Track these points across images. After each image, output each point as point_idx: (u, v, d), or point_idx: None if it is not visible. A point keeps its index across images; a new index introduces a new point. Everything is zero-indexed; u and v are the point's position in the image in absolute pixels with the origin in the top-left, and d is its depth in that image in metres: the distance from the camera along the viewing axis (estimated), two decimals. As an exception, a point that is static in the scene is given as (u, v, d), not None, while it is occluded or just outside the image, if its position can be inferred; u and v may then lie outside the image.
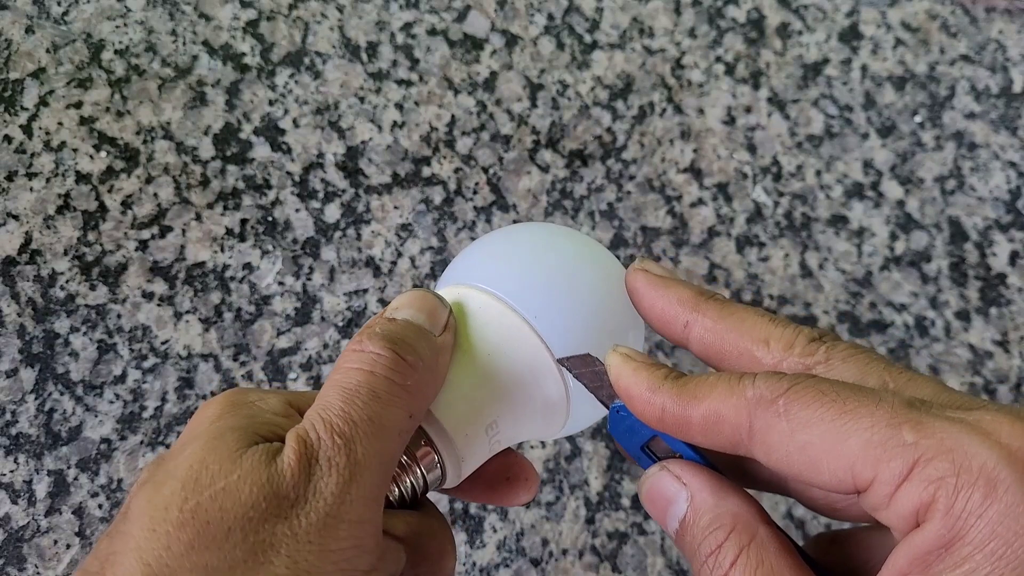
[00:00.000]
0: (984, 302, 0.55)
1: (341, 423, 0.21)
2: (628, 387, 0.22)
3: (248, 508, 0.19)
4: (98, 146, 0.50)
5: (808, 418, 0.19)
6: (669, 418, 0.21)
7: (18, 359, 0.45)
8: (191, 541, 0.18)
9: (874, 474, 0.18)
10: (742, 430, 0.20)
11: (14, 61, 0.50)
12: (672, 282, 0.25)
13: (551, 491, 0.47)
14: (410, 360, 0.22)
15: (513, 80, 0.55)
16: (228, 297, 0.48)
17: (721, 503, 0.21)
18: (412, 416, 0.22)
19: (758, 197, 0.55)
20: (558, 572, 0.46)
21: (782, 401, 0.19)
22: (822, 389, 0.19)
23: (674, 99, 0.57)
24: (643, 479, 0.23)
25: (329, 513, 0.20)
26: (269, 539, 0.19)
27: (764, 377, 0.20)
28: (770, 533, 0.21)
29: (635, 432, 0.24)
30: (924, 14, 0.62)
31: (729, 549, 0.20)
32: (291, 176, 0.51)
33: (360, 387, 0.22)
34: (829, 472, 0.19)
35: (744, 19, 0.59)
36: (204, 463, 0.20)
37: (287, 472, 0.20)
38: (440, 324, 0.24)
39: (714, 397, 0.21)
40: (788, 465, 0.19)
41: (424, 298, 0.25)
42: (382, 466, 0.21)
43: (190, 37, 0.53)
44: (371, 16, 0.55)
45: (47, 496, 0.44)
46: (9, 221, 0.48)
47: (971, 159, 0.58)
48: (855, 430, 0.18)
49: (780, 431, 0.19)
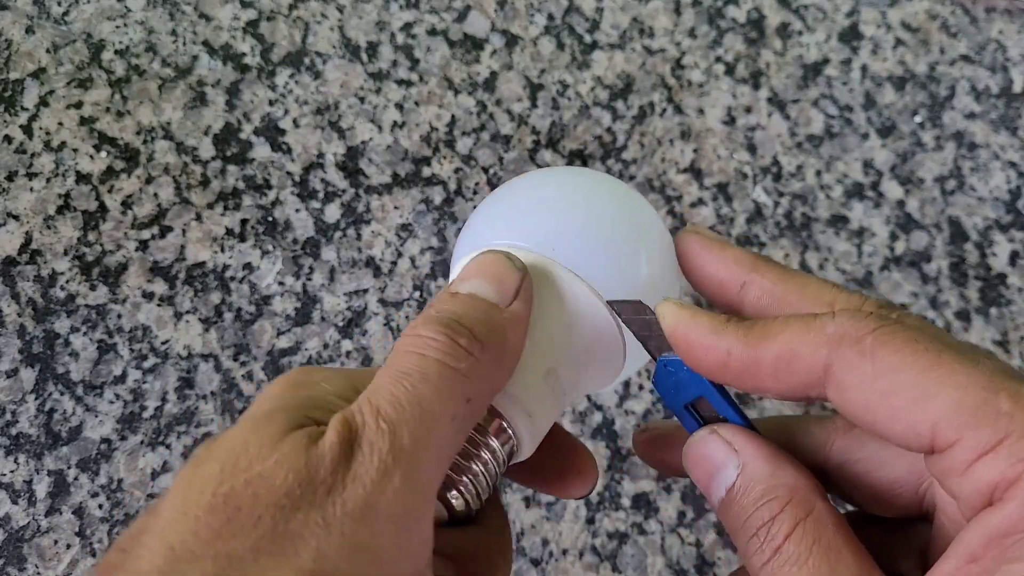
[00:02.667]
0: (984, 302, 0.55)
1: (387, 406, 0.19)
2: (687, 332, 0.21)
3: (281, 495, 0.18)
4: (98, 146, 0.50)
5: (896, 363, 0.18)
6: (735, 362, 0.20)
7: (18, 359, 0.45)
8: (219, 528, 0.17)
9: (958, 437, 0.17)
10: (818, 369, 0.19)
11: (14, 61, 0.50)
12: (727, 243, 0.24)
13: (551, 491, 0.47)
14: (463, 343, 0.20)
15: (513, 80, 0.55)
16: (228, 297, 0.48)
17: (777, 473, 0.20)
18: (471, 401, 0.20)
19: (758, 197, 0.55)
20: (558, 572, 0.46)
21: (869, 340, 0.18)
22: (915, 336, 0.18)
23: (674, 99, 0.57)
24: (689, 441, 0.22)
25: (367, 503, 0.18)
26: (299, 529, 0.17)
27: (848, 314, 0.19)
28: (827, 508, 0.19)
29: (681, 389, 0.22)
30: (924, 14, 0.62)
31: (784, 521, 0.19)
32: (291, 176, 0.51)
33: (411, 370, 0.20)
34: (907, 424, 0.17)
35: (744, 19, 0.59)
36: (246, 445, 0.19)
37: (327, 456, 0.18)
38: (509, 292, 0.22)
39: (788, 334, 0.19)
40: (863, 410, 0.18)
41: (492, 263, 0.22)
42: (432, 454, 0.19)
43: (190, 37, 0.53)
44: (371, 16, 0.55)
45: (47, 496, 0.44)
46: (9, 221, 0.48)
47: (971, 159, 0.58)
48: (947, 386, 0.17)
49: (862, 373, 0.18)
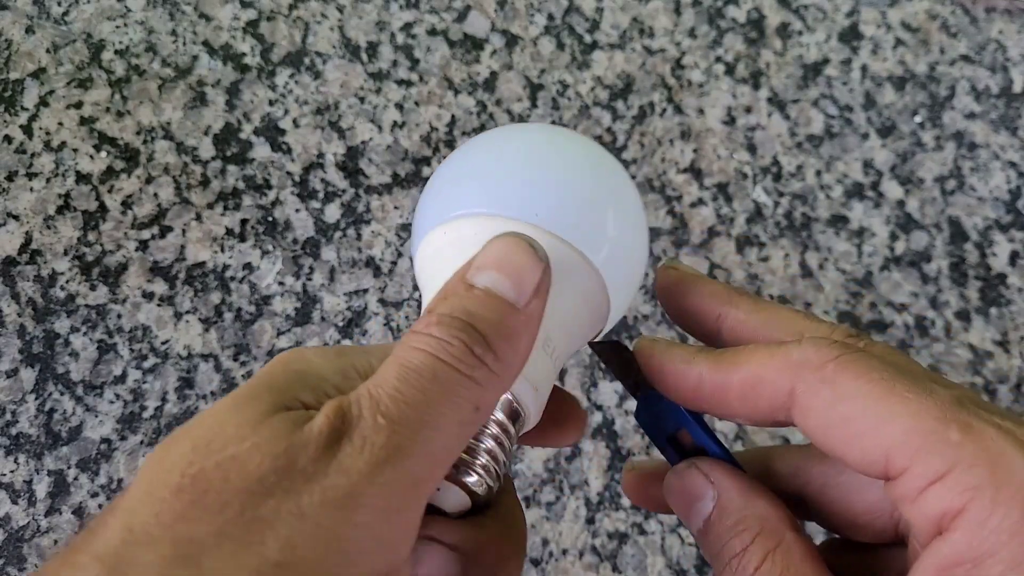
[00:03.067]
0: (984, 302, 0.55)
1: (390, 403, 0.18)
2: (662, 363, 0.22)
3: (254, 481, 0.17)
4: (98, 146, 0.50)
5: (855, 391, 0.18)
6: (707, 386, 0.21)
7: (18, 359, 0.45)
8: (183, 510, 0.16)
9: (909, 465, 0.18)
10: (783, 394, 0.19)
11: (14, 61, 0.50)
12: (703, 278, 0.25)
13: (551, 491, 0.47)
14: (479, 352, 0.19)
15: (513, 80, 0.55)
16: (228, 297, 0.48)
17: (749, 505, 0.21)
18: (479, 409, 0.19)
19: (758, 197, 0.55)
20: (558, 572, 0.46)
21: (831, 367, 0.19)
22: (873, 365, 0.19)
23: (674, 99, 0.57)
24: (669, 474, 0.23)
25: (350, 494, 0.17)
26: (270, 516, 0.16)
27: (813, 342, 0.20)
28: (796, 538, 0.20)
29: (662, 421, 0.23)
30: (924, 14, 0.62)
31: (755, 552, 0.20)
32: (291, 176, 0.51)
33: (422, 368, 0.19)
34: (863, 450, 0.18)
35: (744, 19, 0.59)
36: (223, 425, 0.18)
37: (311, 443, 0.17)
38: (528, 290, 0.20)
39: (755, 361, 0.20)
40: (824, 435, 0.19)
41: (515, 253, 0.21)
42: (431, 459, 0.18)
43: (190, 37, 0.53)
44: (371, 16, 0.55)
45: (47, 496, 0.44)
46: (9, 221, 0.48)
47: (971, 159, 0.58)
48: (900, 414, 0.18)
49: (823, 398, 0.19)
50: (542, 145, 0.25)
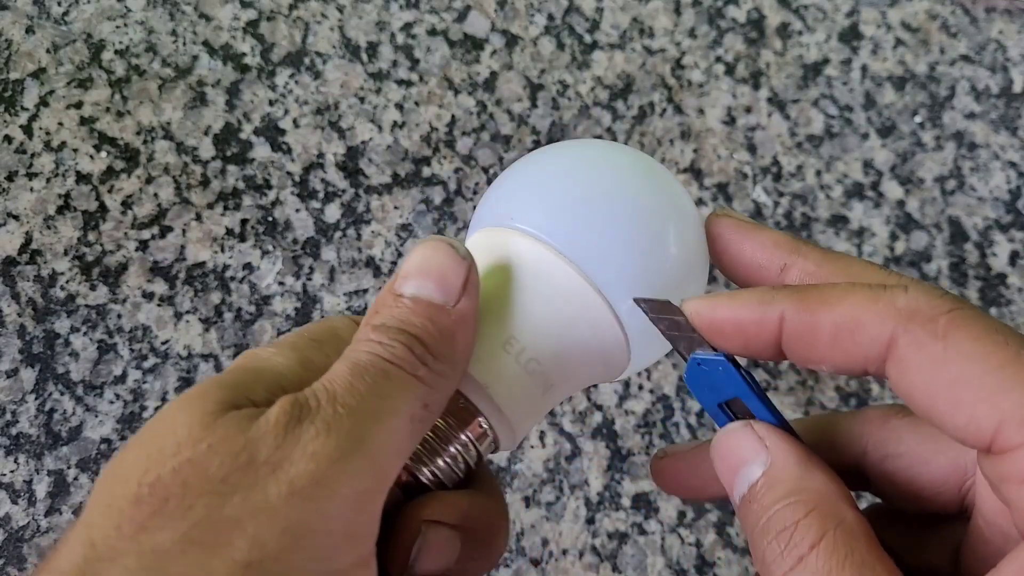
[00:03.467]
0: (984, 302, 0.55)
1: (347, 395, 0.18)
2: (733, 313, 0.19)
3: (216, 483, 0.16)
4: (98, 146, 0.50)
5: (971, 351, 0.16)
6: (790, 328, 0.18)
7: (18, 359, 0.45)
8: (144, 521, 0.16)
9: (1022, 441, 0.16)
10: (881, 343, 0.17)
11: (14, 61, 0.50)
12: (763, 226, 0.22)
13: (551, 491, 0.47)
14: (418, 353, 0.20)
15: (513, 80, 0.55)
16: (228, 297, 0.48)
17: (805, 476, 0.19)
18: (427, 407, 0.20)
19: (758, 197, 0.55)
20: (558, 572, 0.46)
21: (943, 320, 0.17)
22: (995, 326, 0.17)
23: (674, 99, 0.57)
24: (720, 432, 0.21)
25: (319, 481, 0.16)
26: (236, 513, 0.16)
27: (923, 289, 0.18)
28: (859, 519, 0.18)
29: (716, 388, 0.21)
30: (924, 14, 0.62)
31: (810, 528, 0.18)
32: (291, 176, 0.51)
33: (372, 365, 0.19)
34: (970, 418, 0.16)
35: (744, 19, 0.59)
36: (173, 427, 0.17)
37: (269, 434, 0.17)
38: (454, 291, 0.21)
39: (852, 301, 0.18)
40: (924, 394, 0.17)
41: (434, 256, 0.21)
42: (391, 448, 0.18)
43: (190, 37, 0.53)
44: (371, 16, 0.55)
45: (47, 496, 0.44)
46: (9, 221, 0.48)
47: (971, 159, 0.58)
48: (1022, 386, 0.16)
49: (931, 354, 0.17)
50: (583, 162, 0.24)
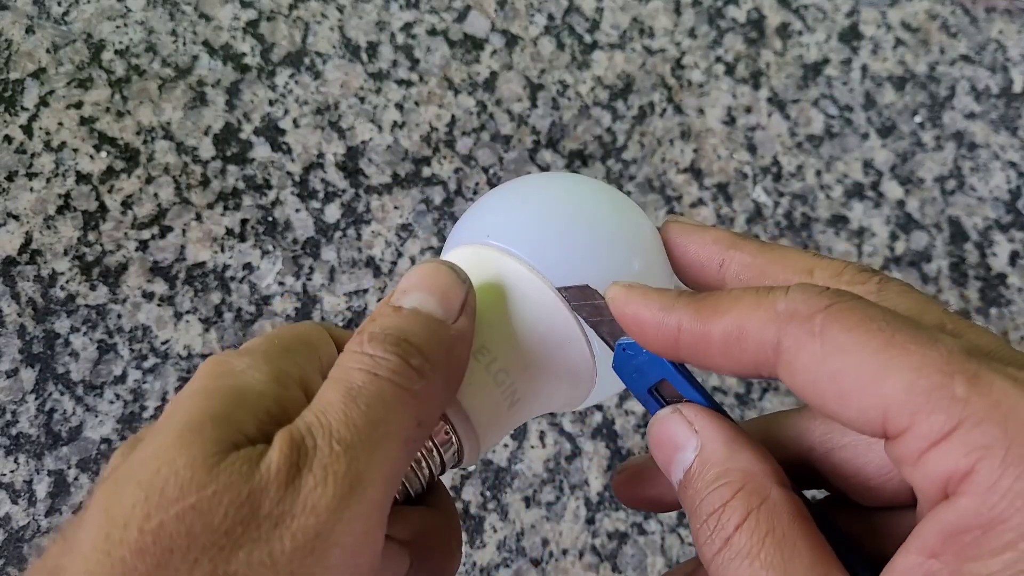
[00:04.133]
0: (984, 302, 0.55)
1: (342, 427, 0.18)
2: (637, 311, 0.20)
3: (221, 535, 0.16)
4: (98, 146, 0.50)
5: (847, 343, 0.16)
6: (686, 337, 0.19)
7: (18, 359, 0.45)
8: (148, 573, 0.15)
9: (910, 423, 0.16)
10: (767, 347, 0.18)
11: (14, 61, 0.50)
12: (706, 227, 0.23)
13: (551, 491, 0.47)
14: (415, 364, 0.19)
15: (513, 80, 0.55)
16: (228, 297, 0.48)
17: (733, 457, 0.19)
18: (421, 424, 0.20)
19: (758, 197, 0.55)
20: (558, 572, 0.46)
21: (819, 319, 0.17)
22: (870, 314, 0.17)
23: (674, 99, 0.57)
24: (652, 420, 0.21)
25: (319, 534, 0.17)
26: (242, 570, 0.16)
27: (800, 289, 0.18)
28: (784, 496, 0.18)
29: (642, 372, 0.21)
30: (924, 14, 0.62)
31: (735, 509, 0.18)
32: (291, 176, 0.51)
33: (364, 388, 0.19)
34: (858, 409, 0.16)
35: (744, 19, 0.59)
36: (174, 467, 0.17)
37: (272, 484, 0.17)
38: (454, 308, 0.21)
39: (738, 310, 0.18)
40: (813, 392, 0.17)
41: (436, 275, 0.21)
42: (386, 479, 0.18)
43: (190, 37, 0.53)
44: (371, 16, 0.55)
45: (47, 496, 0.44)
46: (9, 221, 0.48)
47: (971, 159, 0.58)
48: (899, 368, 0.16)
49: (811, 352, 0.17)
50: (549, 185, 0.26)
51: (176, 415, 0.18)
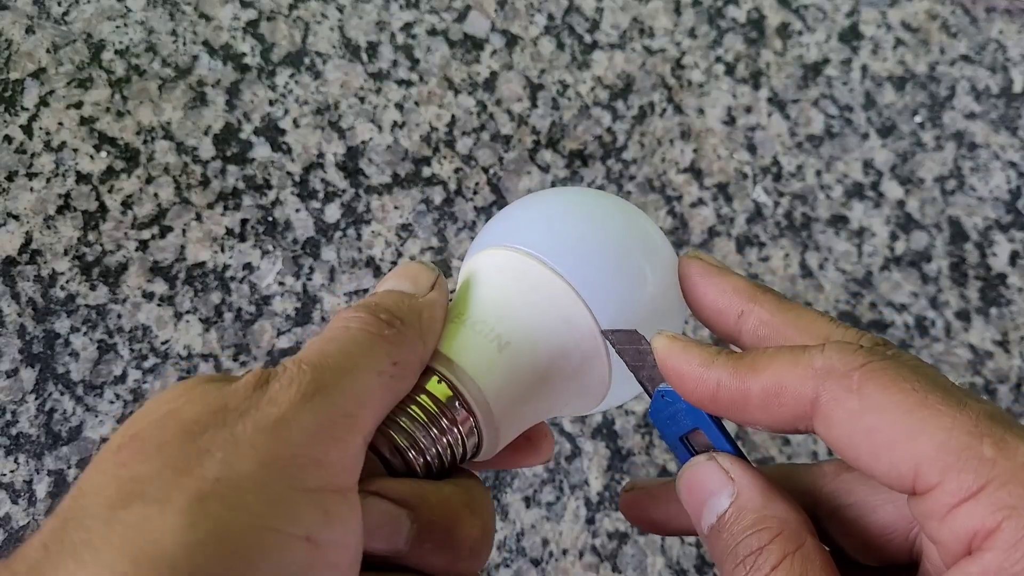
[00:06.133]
0: (984, 302, 0.55)
1: (313, 356, 0.20)
2: (678, 365, 0.21)
3: (190, 423, 0.18)
4: (98, 146, 0.50)
5: (882, 402, 0.18)
6: (724, 393, 0.20)
7: (18, 359, 0.45)
8: (123, 460, 0.18)
9: (939, 480, 0.17)
10: (805, 402, 0.19)
11: (14, 61, 0.50)
12: (728, 271, 0.24)
13: (551, 491, 0.47)
14: (384, 317, 0.22)
15: (513, 80, 0.55)
16: (228, 297, 0.48)
17: (770, 505, 0.20)
18: (397, 364, 0.21)
19: (758, 197, 0.55)
20: (558, 572, 0.46)
21: (857, 376, 0.18)
22: (903, 374, 0.18)
23: (674, 99, 0.57)
24: (686, 466, 0.22)
25: (281, 419, 0.18)
26: (206, 445, 0.18)
27: (838, 347, 0.19)
28: (816, 545, 0.20)
29: (677, 421, 0.22)
30: (924, 14, 0.62)
31: (772, 553, 0.19)
32: (291, 176, 0.51)
33: (338, 335, 0.21)
34: (890, 464, 0.18)
35: (744, 19, 0.59)
36: (157, 400, 0.19)
37: (239, 390, 0.19)
38: (424, 286, 0.24)
39: (776, 367, 0.19)
40: (848, 446, 0.18)
41: (407, 267, 0.24)
42: (356, 398, 0.20)
43: (190, 37, 0.53)
44: (371, 16, 0.55)
45: (47, 496, 0.44)
46: (9, 221, 0.48)
47: (971, 159, 0.58)
48: (931, 429, 0.17)
49: (848, 408, 0.18)
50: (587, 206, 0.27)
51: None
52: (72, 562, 0.16)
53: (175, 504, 0.17)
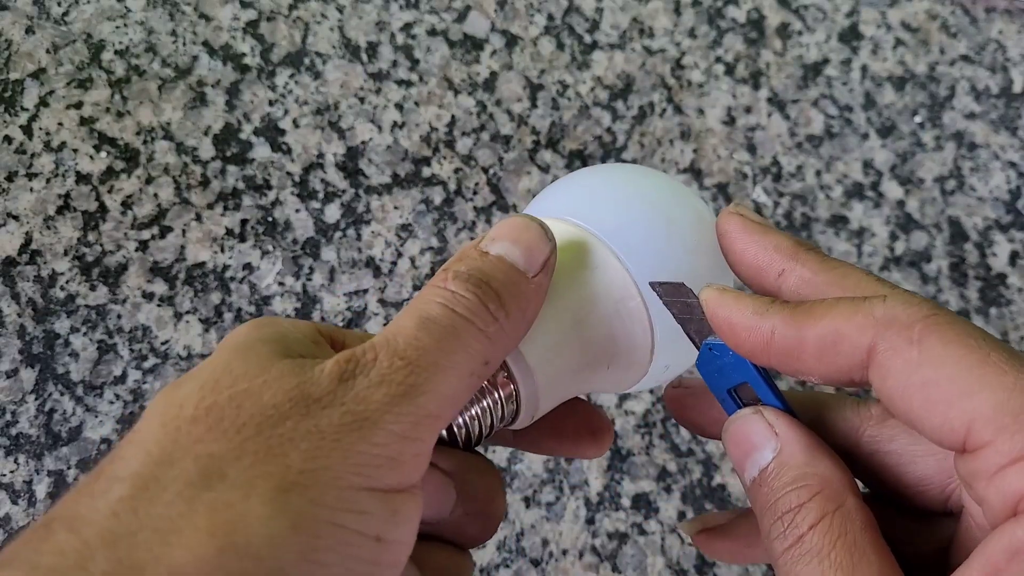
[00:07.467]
0: (984, 302, 0.55)
1: (409, 349, 0.19)
2: (730, 315, 0.21)
3: (269, 408, 0.18)
4: (98, 146, 0.50)
5: (943, 355, 0.17)
6: (779, 341, 0.20)
7: (18, 359, 0.45)
8: (200, 435, 0.17)
9: (992, 439, 0.17)
10: (862, 351, 0.18)
11: (14, 61, 0.50)
12: (769, 227, 0.23)
13: (551, 491, 0.47)
14: (492, 308, 0.20)
15: (513, 80, 0.55)
16: (228, 297, 0.48)
17: (812, 462, 0.20)
18: (488, 363, 0.20)
19: (758, 197, 0.55)
20: (558, 572, 0.46)
21: (919, 327, 0.18)
22: (967, 330, 0.18)
23: (674, 99, 0.57)
24: (731, 418, 0.22)
25: (367, 418, 0.18)
26: (289, 434, 0.17)
27: (900, 297, 0.19)
28: (857, 505, 0.19)
29: (724, 373, 0.22)
30: (924, 14, 0.62)
31: (811, 511, 0.19)
32: (291, 176, 0.51)
33: (439, 319, 0.20)
34: (943, 418, 0.17)
35: (744, 19, 0.59)
36: (228, 366, 0.18)
37: (323, 379, 0.18)
38: (537, 263, 0.22)
39: (834, 315, 0.19)
40: (901, 398, 0.18)
41: (525, 229, 0.22)
42: (443, 400, 0.19)
43: (190, 37, 0.53)
44: (371, 16, 0.55)
45: (47, 496, 0.44)
46: (9, 221, 0.48)
47: (971, 159, 0.58)
48: (991, 387, 0.17)
49: (906, 359, 0.18)
50: (631, 179, 0.27)
51: (228, 344, 0.20)
52: (156, 539, 0.16)
53: (259, 492, 0.16)
